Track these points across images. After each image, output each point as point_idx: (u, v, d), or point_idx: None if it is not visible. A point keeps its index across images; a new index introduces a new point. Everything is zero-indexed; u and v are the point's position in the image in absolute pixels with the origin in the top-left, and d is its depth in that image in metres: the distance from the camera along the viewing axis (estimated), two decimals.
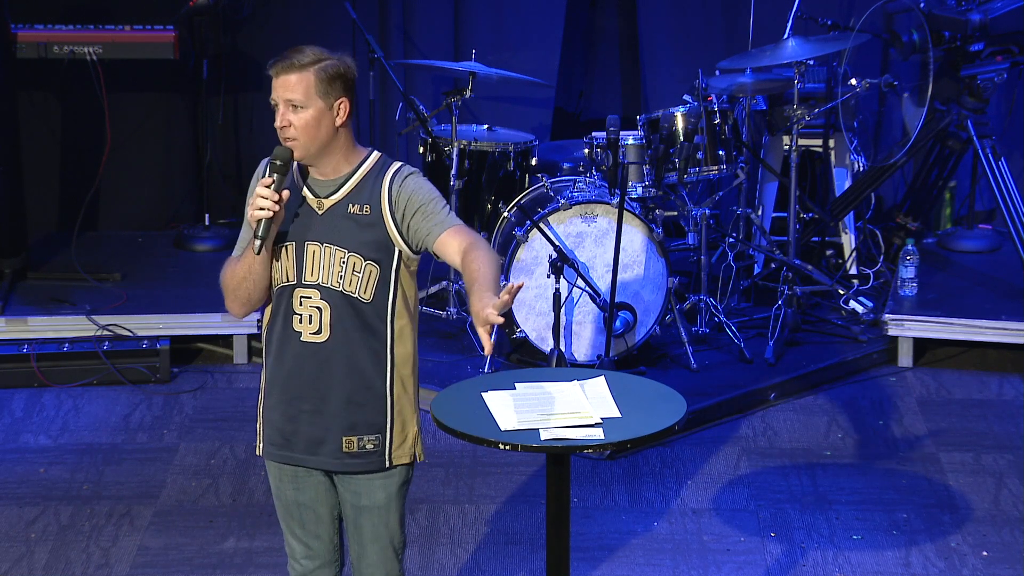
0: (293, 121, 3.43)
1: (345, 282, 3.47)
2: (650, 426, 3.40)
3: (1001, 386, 6.00)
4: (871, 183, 6.50)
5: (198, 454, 5.46)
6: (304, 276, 3.48)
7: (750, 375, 5.90)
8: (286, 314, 3.50)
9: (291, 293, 3.49)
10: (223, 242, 6.95)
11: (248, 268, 3.48)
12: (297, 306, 3.49)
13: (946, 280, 6.56)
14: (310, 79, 3.42)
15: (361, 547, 3.60)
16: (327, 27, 7.11)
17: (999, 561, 4.73)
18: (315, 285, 3.48)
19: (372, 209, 3.48)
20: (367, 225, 3.47)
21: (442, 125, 6.32)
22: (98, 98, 6.56)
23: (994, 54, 6.32)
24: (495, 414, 3.39)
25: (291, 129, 3.44)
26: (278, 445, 3.57)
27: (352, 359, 3.49)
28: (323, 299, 3.47)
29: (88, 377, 5.99)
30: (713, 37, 7.16)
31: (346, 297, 3.47)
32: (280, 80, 3.44)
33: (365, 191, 3.49)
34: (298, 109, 3.43)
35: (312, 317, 3.48)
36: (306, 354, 3.49)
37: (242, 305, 3.52)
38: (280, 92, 3.44)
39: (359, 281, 3.47)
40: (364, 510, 3.57)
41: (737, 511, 5.04)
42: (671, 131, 6.08)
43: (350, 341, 3.48)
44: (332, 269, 3.47)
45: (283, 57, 3.45)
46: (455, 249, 3.46)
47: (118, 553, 4.79)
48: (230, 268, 3.52)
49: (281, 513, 3.65)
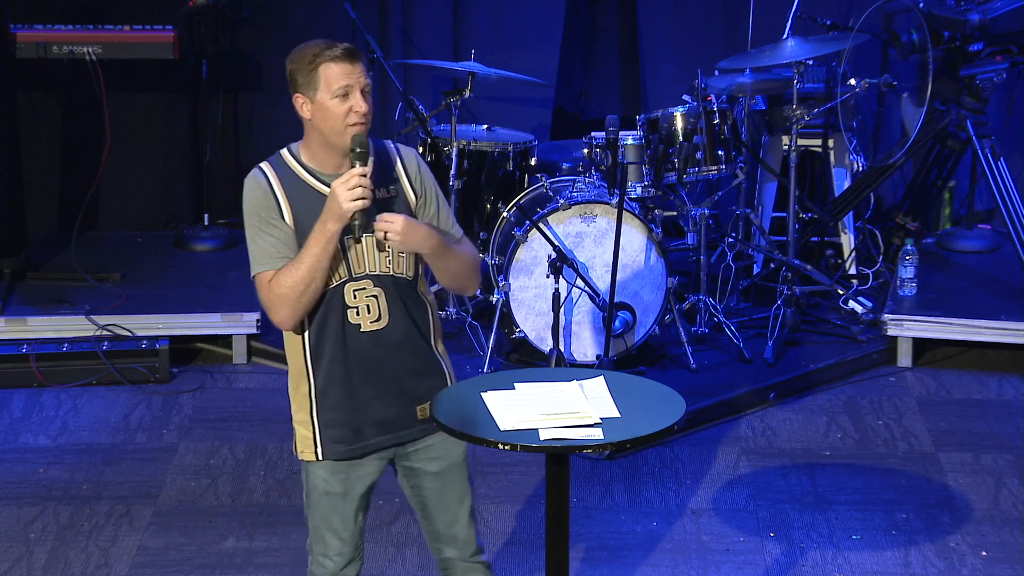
0: (368, 106, 3.47)
1: (394, 265, 3.54)
2: (649, 426, 3.40)
3: (1001, 386, 6.00)
4: (870, 183, 6.50)
5: (197, 454, 5.46)
6: (353, 269, 3.52)
7: (749, 375, 5.91)
8: (341, 311, 3.53)
9: (342, 289, 3.53)
10: (223, 242, 6.96)
11: (317, 263, 3.46)
12: (351, 300, 3.53)
13: (945, 280, 6.56)
14: (367, 67, 3.50)
15: (448, 512, 3.67)
16: (327, 27, 7.10)
17: (998, 561, 4.74)
18: (366, 275, 3.53)
19: (396, 190, 3.55)
20: (398, 206, 3.53)
21: (441, 125, 6.32)
22: (97, 98, 6.56)
23: (993, 54, 6.32)
24: (494, 414, 3.39)
25: (369, 115, 3.47)
26: (347, 441, 3.60)
27: (409, 336, 3.57)
28: (376, 287, 3.54)
29: (87, 377, 5.99)
30: (712, 37, 7.16)
31: (395, 279, 3.55)
32: (355, 67, 3.46)
33: (383, 173, 3.54)
34: (368, 96, 3.48)
35: (370, 307, 3.54)
36: (368, 344, 3.54)
37: (303, 311, 3.51)
38: (356, 78, 3.46)
39: (404, 261, 3.55)
40: (446, 473, 3.64)
41: (736, 511, 5.04)
42: (670, 131, 6.08)
43: (405, 319, 3.56)
44: (379, 255, 3.52)
45: (332, 45, 3.46)
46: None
47: (117, 553, 4.80)
48: (289, 276, 3.47)
49: (323, 511, 3.66)
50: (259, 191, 3.53)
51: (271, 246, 3.51)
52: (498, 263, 5.93)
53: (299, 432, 3.65)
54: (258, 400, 5.92)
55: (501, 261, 5.90)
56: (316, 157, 3.54)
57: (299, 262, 3.46)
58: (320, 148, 3.52)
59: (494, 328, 5.88)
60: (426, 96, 6.90)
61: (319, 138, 3.52)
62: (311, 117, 3.50)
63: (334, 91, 3.45)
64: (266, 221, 3.51)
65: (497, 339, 5.90)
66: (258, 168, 3.58)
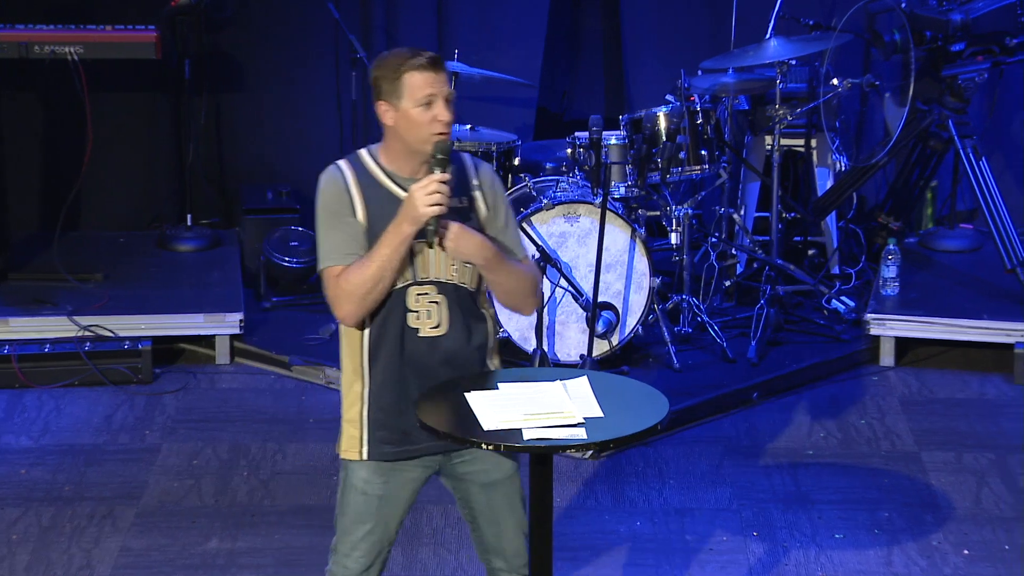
0: (450, 115, 3.50)
1: (460, 274, 3.56)
2: (633, 426, 3.41)
3: (983, 385, 6.02)
4: (853, 183, 6.51)
5: (180, 455, 5.45)
6: (418, 273, 3.54)
7: (733, 375, 5.91)
8: (402, 314, 3.55)
9: (405, 292, 3.55)
10: (205, 242, 6.94)
11: (388, 263, 3.48)
12: (413, 304, 3.55)
13: (928, 279, 6.58)
14: (450, 76, 3.55)
15: (496, 524, 3.67)
16: (310, 27, 7.10)
17: (980, 560, 4.75)
18: (430, 281, 3.55)
19: (467, 200, 3.58)
20: (466, 216, 3.56)
21: None
22: (80, 98, 6.54)
23: (975, 54, 6.34)
24: (478, 414, 3.39)
25: (451, 125, 3.49)
26: (395, 443, 3.60)
27: (465, 346, 3.59)
28: (439, 293, 3.56)
29: (70, 378, 5.97)
30: (696, 37, 7.17)
31: (458, 288, 3.57)
32: (436, 76, 3.48)
33: (458, 184, 3.56)
34: (451, 104, 3.50)
35: (430, 312, 3.56)
36: (425, 348, 3.56)
37: (368, 309, 3.54)
38: (442, 88, 3.49)
39: (469, 272, 3.57)
40: (495, 485, 3.65)
41: (720, 510, 5.05)
42: (654, 131, 6.08)
43: (465, 328, 3.59)
44: (445, 263, 3.55)
45: (417, 53, 3.49)
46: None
47: (100, 554, 4.78)
48: (358, 273, 3.50)
49: (357, 510, 3.65)
50: (335, 187, 3.55)
51: (341, 242, 3.53)
52: None
53: (346, 431, 3.65)
54: (241, 401, 5.91)
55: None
56: (395, 161, 3.56)
57: (369, 260, 3.49)
58: (400, 153, 3.55)
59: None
60: None
61: (400, 144, 3.54)
62: (394, 124, 3.52)
63: (418, 100, 3.47)
64: (338, 216, 3.53)
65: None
66: (335, 165, 3.59)
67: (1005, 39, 6.31)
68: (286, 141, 7.23)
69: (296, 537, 4.88)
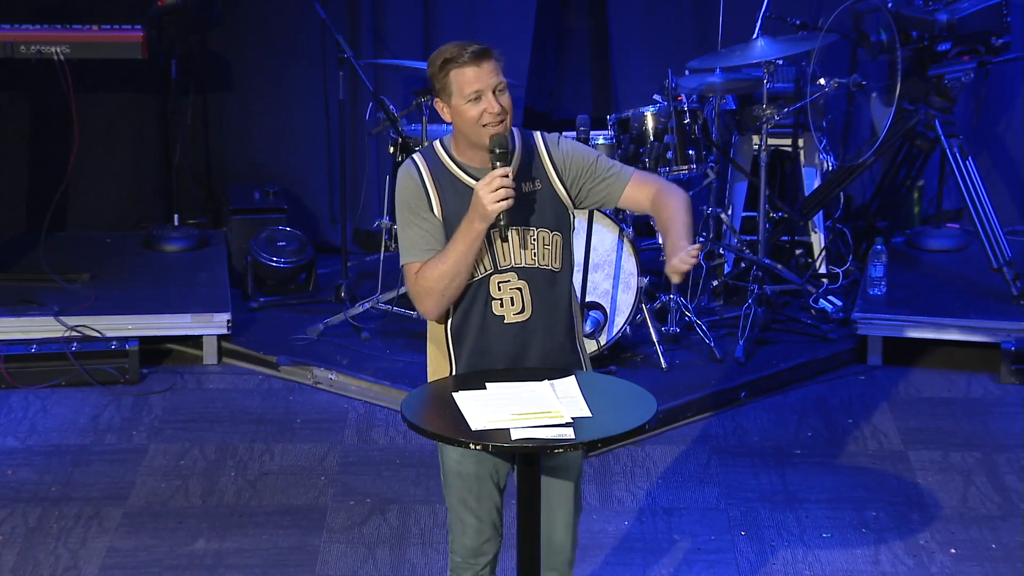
0: (504, 104, 3.50)
1: (540, 257, 3.58)
2: (620, 425, 3.41)
3: (969, 384, 6.03)
4: (840, 182, 6.52)
5: (168, 455, 5.44)
6: (499, 262, 3.56)
7: (720, 374, 5.92)
8: (485, 302, 3.58)
9: (487, 281, 3.57)
10: (192, 242, 6.93)
11: (463, 259, 3.51)
12: (496, 291, 3.58)
13: (915, 279, 6.59)
14: (499, 63, 3.52)
15: (547, 513, 3.67)
16: (297, 27, 7.09)
17: (967, 559, 4.76)
18: (511, 268, 3.57)
19: (542, 182, 3.58)
20: (543, 199, 3.57)
21: (412, 125, 6.32)
22: (66, 98, 6.53)
23: (961, 54, 6.35)
24: (466, 414, 3.39)
25: (504, 113, 3.50)
26: None
27: (553, 329, 3.61)
28: (521, 279, 3.58)
29: (56, 378, 5.96)
30: (683, 37, 7.18)
31: (541, 271, 3.59)
32: (481, 69, 3.49)
33: (528, 166, 3.58)
34: (504, 92, 3.51)
35: (514, 299, 3.58)
36: (510, 334, 3.59)
37: (447, 303, 3.57)
38: (488, 79, 3.50)
39: (550, 253, 3.59)
40: (556, 475, 3.66)
41: (707, 510, 5.05)
42: (641, 131, 6.09)
43: (548, 313, 3.60)
44: (525, 248, 3.56)
45: (462, 49, 3.49)
46: (644, 195, 3.60)
47: (87, 555, 4.77)
48: (435, 269, 3.53)
49: (458, 490, 3.68)
50: (410, 183, 3.58)
51: (419, 237, 3.56)
52: None
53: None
54: (229, 401, 5.90)
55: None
56: (464, 153, 3.59)
57: (445, 256, 3.52)
58: (466, 146, 3.58)
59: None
60: (397, 96, 6.89)
61: (463, 138, 3.57)
62: (451, 120, 3.56)
63: (467, 96, 3.50)
64: (416, 213, 3.56)
65: None
66: (411, 159, 3.61)
67: (991, 39, 6.33)
68: (273, 141, 7.23)
69: (284, 537, 4.88)
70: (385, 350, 6.14)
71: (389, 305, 6.25)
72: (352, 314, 6.27)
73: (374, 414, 5.77)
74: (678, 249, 3.48)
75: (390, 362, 6.02)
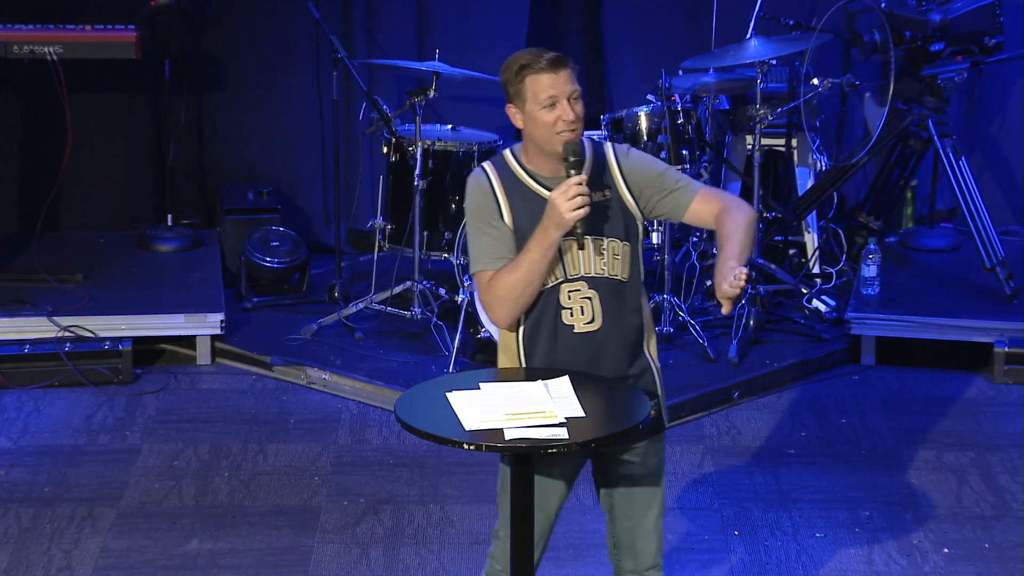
0: (577, 112, 3.51)
1: (609, 267, 3.58)
2: (614, 426, 3.41)
3: (963, 384, 6.04)
4: (833, 182, 6.53)
5: (161, 455, 5.43)
6: (569, 271, 3.56)
7: (714, 374, 5.92)
8: (555, 311, 3.58)
9: (558, 290, 3.57)
10: (186, 243, 6.93)
11: (537, 267, 3.52)
12: (566, 300, 3.57)
13: (908, 279, 6.60)
14: (575, 73, 3.53)
15: (630, 519, 3.69)
16: (291, 27, 7.09)
17: (960, 558, 4.76)
18: (581, 277, 3.57)
19: (612, 192, 3.59)
20: (612, 208, 3.57)
21: (406, 125, 6.32)
22: (59, 98, 6.52)
23: (954, 54, 6.36)
24: (459, 414, 3.39)
25: (578, 121, 3.50)
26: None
27: (623, 339, 3.60)
28: (591, 288, 3.58)
29: (50, 379, 5.95)
30: (676, 37, 7.18)
31: (611, 281, 3.59)
32: (558, 76, 3.50)
33: (598, 176, 3.58)
34: (578, 101, 3.51)
35: (583, 308, 3.58)
36: (580, 344, 3.58)
37: (520, 311, 3.58)
38: (563, 87, 3.50)
39: (619, 263, 3.59)
40: (637, 481, 3.67)
41: (701, 509, 5.05)
42: (635, 131, 6.09)
43: (619, 323, 3.60)
44: (595, 258, 3.56)
45: (545, 57, 3.50)
46: (709, 211, 3.61)
47: (80, 555, 4.77)
48: (508, 278, 3.53)
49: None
50: (480, 192, 3.59)
51: (490, 246, 3.57)
52: (463, 263, 5.93)
53: None
54: (222, 401, 5.89)
55: (466, 261, 5.90)
56: (534, 162, 3.59)
57: (518, 265, 3.52)
58: (537, 154, 3.58)
59: (459, 328, 5.88)
60: (391, 96, 6.89)
61: (534, 145, 3.57)
62: (524, 127, 3.56)
63: (541, 102, 3.50)
64: (486, 221, 3.56)
65: (462, 339, 5.90)
66: (481, 168, 3.62)
67: (984, 39, 6.33)
68: (267, 141, 7.22)
69: (277, 538, 4.88)
70: (379, 350, 6.13)
71: (383, 305, 6.25)
72: (346, 314, 6.26)
73: (368, 414, 5.77)
74: (727, 272, 3.49)
75: (384, 362, 6.02)
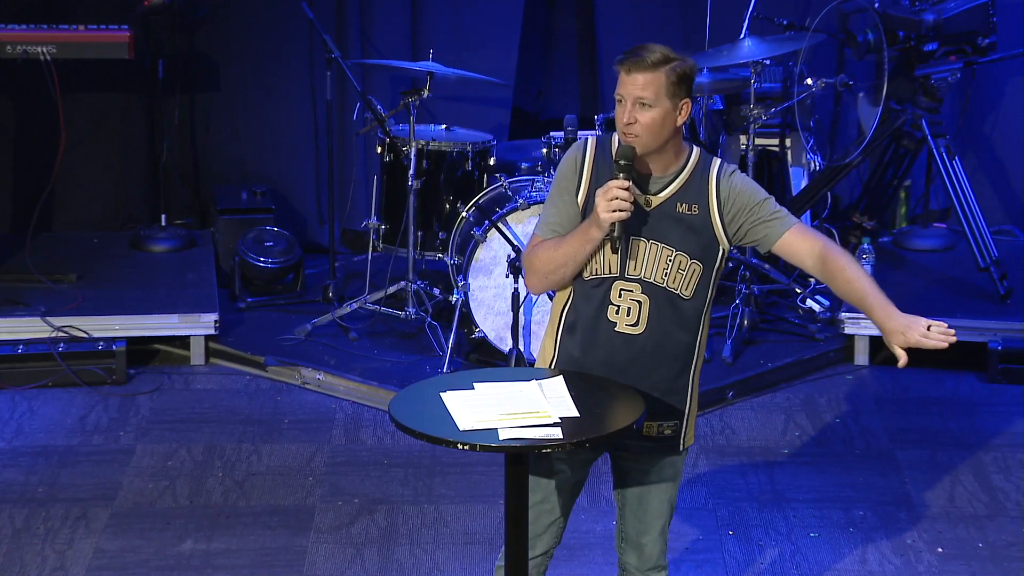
0: (640, 118, 3.48)
1: (669, 279, 3.55)
2: (608, 425, 3.41)
3: (956, 384, 6.05)
4: (827, 182, 6.53)
5: (155, 456, 5.43)
6: (627, 270, 3.55)
7: (708, 374, 5.91)
8: (602, 303, 3.56)
9: (611, 284, 3.55)
10: (180, 242, 6.92)
11: (571, 256, 3.52)
12: (616, 297, 3.56)
13: (901, 278, 6.60)
14: (661, 79, 3.48)
15: (642, 521, 3.69)
16: (284, 27, 7.08)
17: (954, 558, 4.77)
18: (638, 279, 3.55)
19: (700, 208, 3.55)
20: (695, 225, 3.54)
21: (400, 125, 6.31)
22: (52, 98, 6.51)
23: (948, 54, 6.37)
24: (454, 414, 3.39)
25: (636, 126, 3.49)
26: None
27: (663, 352, 3.57)
28: (644, 293, 3.55)
29: (43, 379, 5.94)
30: (670, 37, 7.18)
31: (668, 293, 3.55)
32: (631, 77, 3.49)
33: (692, 189, 3.55)
34: (646, 107, 3.48)
35: (631, 310, 3.55)
36: (618, 344, 3.56)
37: (548, 287, 3.60)
38: (630, 89, 3.49)
39: (683, 279, 3.55)
40: (652, 484, 3.67)
41: (695, 509, 5.06)
42: None
43: (664, 335, 3.56)
44: (657, 265, 3.54)
45: (633, 54, 3.49)
46: (805, 250, 3.59)
47: (74, 556, 4.76)
48: (546, 252, 3.55)
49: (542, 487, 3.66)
50: (570, 162, 3.60)
51: (552, 215, 3.58)
52: (457, 263, 5.93)
53: None
54: (216, 401, 5.89)
55: (460, 261, 5.90)
56: None
57: (559, 244, 3.54)
58: None
59: (454, 328, 5.88)
60: (384, 96, 6.89)
61: None
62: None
63: (616, 97, 3.52)
64: (560, 191, 3.58)
65: (457, 339, 5.90)
66: (586, 139, 3.62)
67: (977, 39, 6.34)
68: (260, 141, 7.22)
69: (271, 538, 4.87)
70: (373, 350, 6.13)
71: (377, 305, 6.25)
72: (340, 314, 6.26)
73: (362, 414, 5.77)
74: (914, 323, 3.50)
75: (378, 362, 6.02)
